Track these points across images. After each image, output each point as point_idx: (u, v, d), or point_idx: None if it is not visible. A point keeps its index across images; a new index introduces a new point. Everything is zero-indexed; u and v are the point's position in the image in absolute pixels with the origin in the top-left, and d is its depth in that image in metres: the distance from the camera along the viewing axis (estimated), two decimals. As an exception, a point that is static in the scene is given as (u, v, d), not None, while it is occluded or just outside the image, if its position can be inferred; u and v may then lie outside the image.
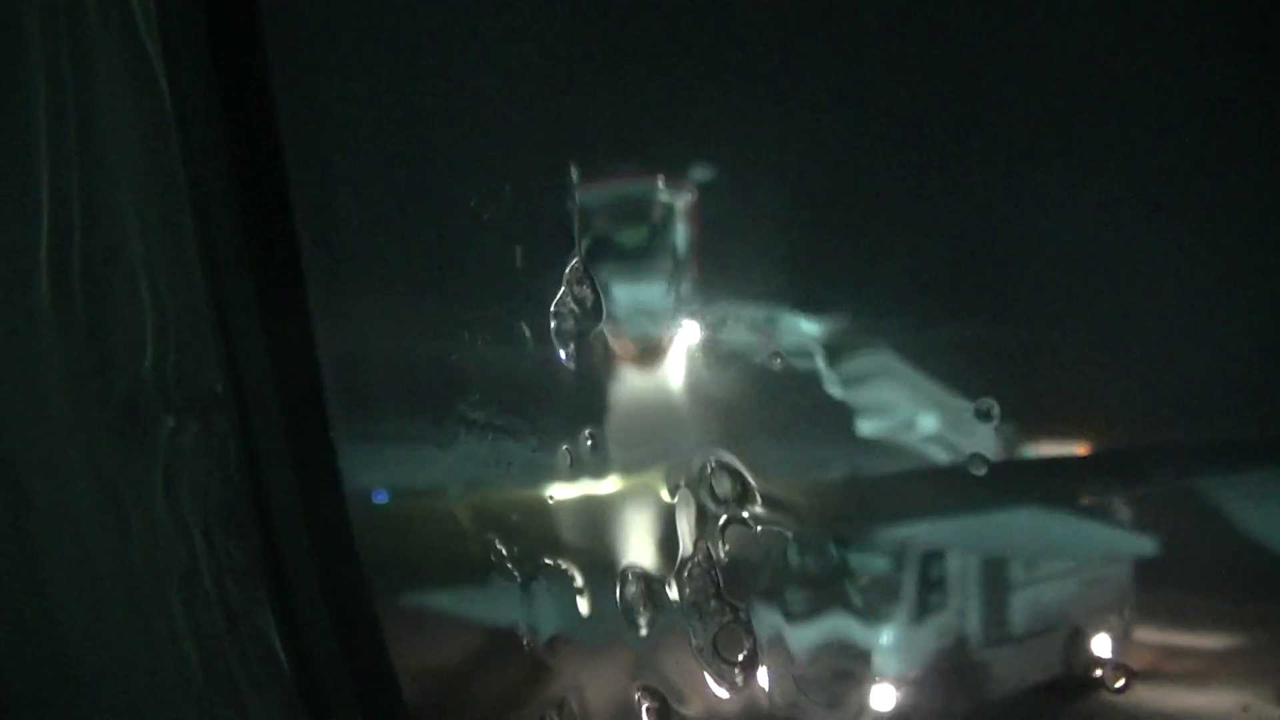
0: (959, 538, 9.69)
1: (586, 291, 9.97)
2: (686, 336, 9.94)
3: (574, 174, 9.88)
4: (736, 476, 9.42)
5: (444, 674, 7.73)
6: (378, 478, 6.95)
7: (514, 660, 8.68)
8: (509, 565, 7.57)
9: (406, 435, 8.98)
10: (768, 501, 9.49)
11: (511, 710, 8.69)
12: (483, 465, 8.70)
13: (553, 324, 9.88)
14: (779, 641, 9.95)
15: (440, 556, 7.41)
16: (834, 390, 9.60)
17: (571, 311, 10.08)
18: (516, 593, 8.43)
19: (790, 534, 9.71)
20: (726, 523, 9.20)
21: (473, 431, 8.76)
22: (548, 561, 7.87)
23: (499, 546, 7.34)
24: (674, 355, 9.98)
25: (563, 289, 10.00)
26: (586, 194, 9.85)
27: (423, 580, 6.88)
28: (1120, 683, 11.36)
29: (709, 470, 9.54)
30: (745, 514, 9.33)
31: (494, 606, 8.04)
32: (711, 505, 9.19)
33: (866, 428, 9.79)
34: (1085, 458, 12.36)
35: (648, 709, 9.53)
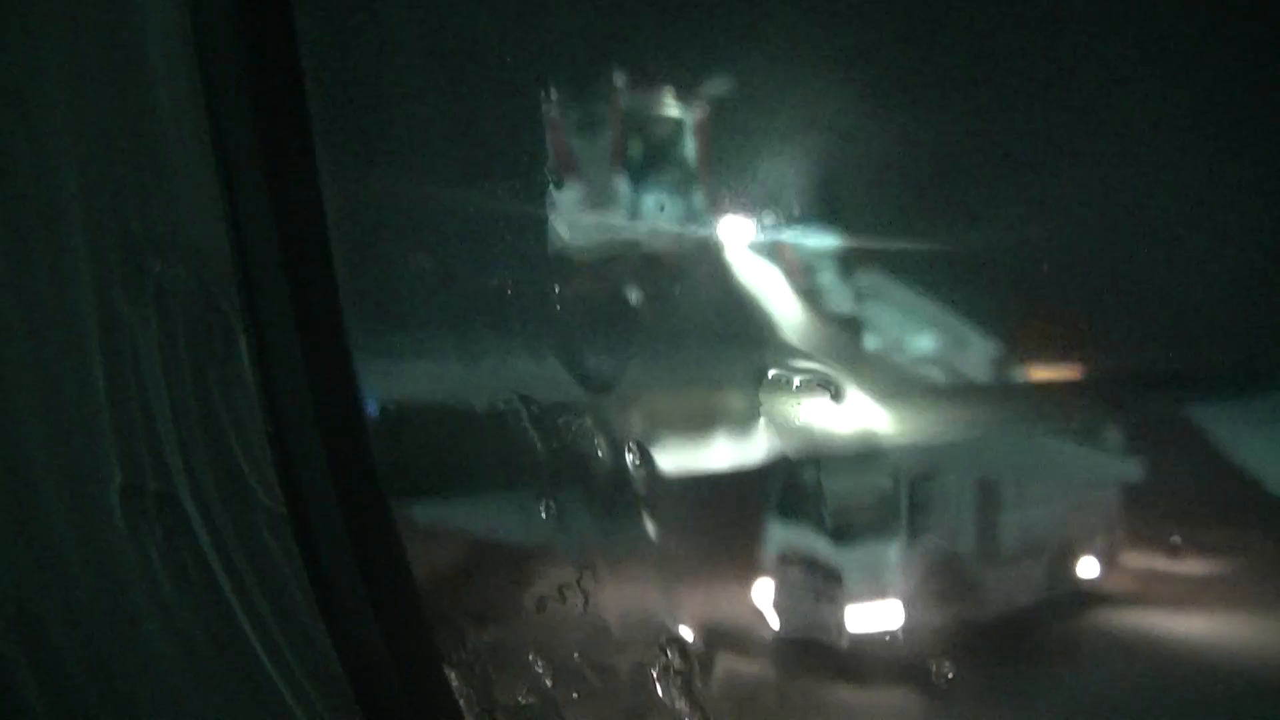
0: (951, 459, 9.79)
1: (607, 210, 9.98)
2: (699, 250, 9.98)
3: (607, 86, 9.87)
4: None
5: (458, 555, 7.78)
6: (395, 387, 6.95)
7: (529, 541, 8.75)
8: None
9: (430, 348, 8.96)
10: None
11: (525, 588, 8.74)
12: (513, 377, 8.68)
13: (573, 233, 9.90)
14: (785, 556, 10.05)
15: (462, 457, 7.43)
16: (835, 307, 9.65)
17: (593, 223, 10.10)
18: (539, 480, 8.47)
19: (785, 451, 9.81)
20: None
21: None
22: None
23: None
24: (689, 268, 10.02)
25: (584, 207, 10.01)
26: (615, 108, 9.84)
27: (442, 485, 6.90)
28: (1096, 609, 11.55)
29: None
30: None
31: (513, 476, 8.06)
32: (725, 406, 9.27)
33: (868, 343, 9.85)
34: (1075, 382, 12.45)
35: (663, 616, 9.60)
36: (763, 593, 10.28)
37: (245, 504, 2.47)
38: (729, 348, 10.09)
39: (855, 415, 9.64)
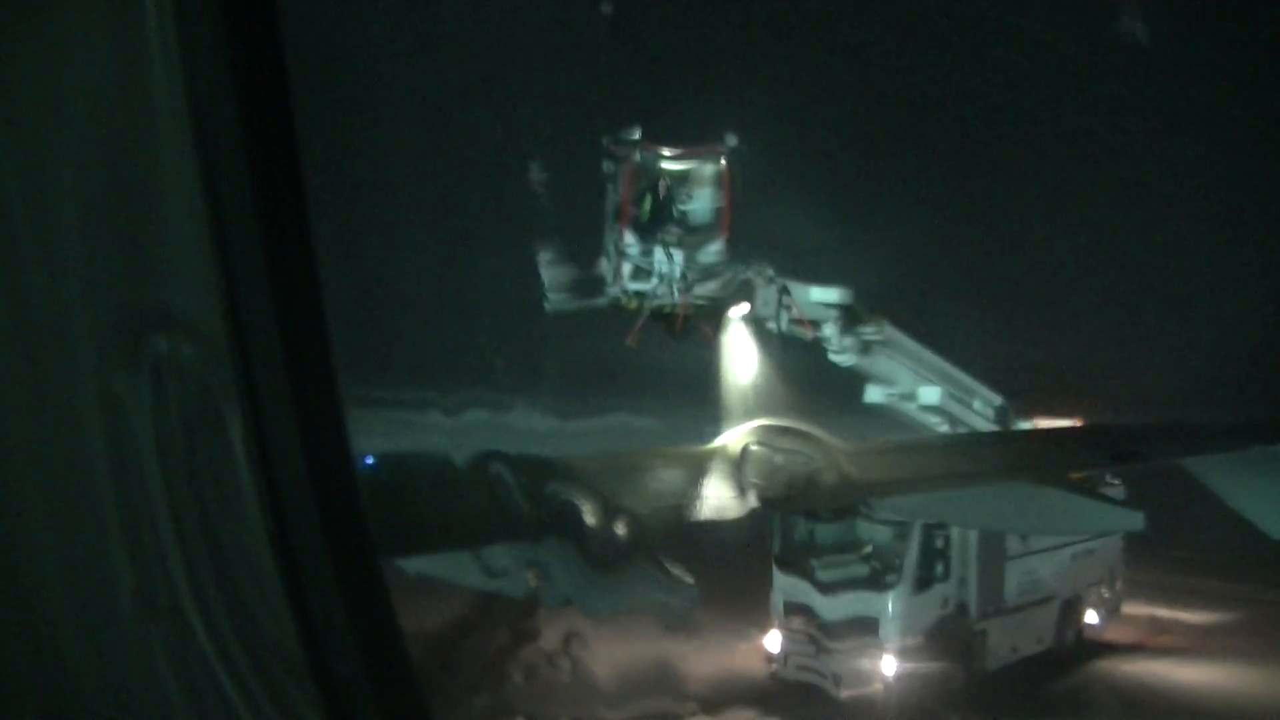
0: (957, 510, 9.84)
1: (615, 264, 10.01)
2: (710, 307, 9.98)
3: (608, 146, 9.88)
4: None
5: (446, 629, 7.74)
6: (383, 442, 6.90)
7: (515, 615, 8.69)
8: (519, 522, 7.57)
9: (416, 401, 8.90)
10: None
11: (515, 648, 8.67)
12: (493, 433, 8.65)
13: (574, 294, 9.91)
14: (792, 607, 10.02)
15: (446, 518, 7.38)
16: (842, 359, 9.68)
17: (598, 283, 10.09)
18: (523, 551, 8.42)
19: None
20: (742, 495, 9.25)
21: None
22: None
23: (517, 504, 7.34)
24: (700, 327, 10.01)
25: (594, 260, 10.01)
26: (621, 166, 9.88)
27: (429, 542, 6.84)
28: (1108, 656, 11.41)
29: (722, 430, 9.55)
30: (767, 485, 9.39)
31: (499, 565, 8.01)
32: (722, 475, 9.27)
33: (873, 396, 9.88)
34: (1080, 434, 12.40)
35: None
36: (759, 646, 10.33)
37: (241, 604, 2.50)
38: (727, 401, 10.18)
39: (857, 467, 9.70)
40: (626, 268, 10.29)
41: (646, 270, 10.26)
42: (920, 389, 11.47)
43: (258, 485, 2.51)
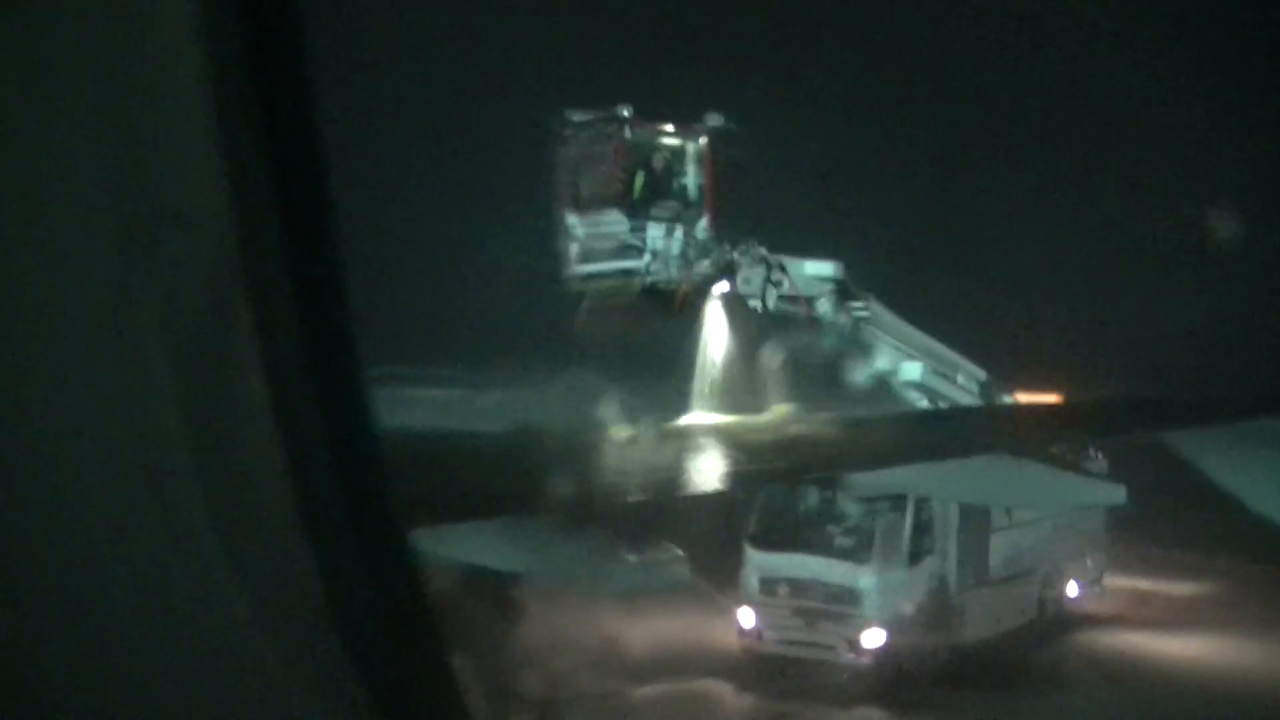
0: (938, 484, 9.90)
1: (612, 241, 10.02)
2: (703, 284, 10.00)
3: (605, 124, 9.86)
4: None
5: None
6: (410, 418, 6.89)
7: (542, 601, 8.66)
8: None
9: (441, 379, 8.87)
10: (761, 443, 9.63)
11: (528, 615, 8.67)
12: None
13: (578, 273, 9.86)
14: (772, 580, 10.09)
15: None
16: (832, 333, 9.73)
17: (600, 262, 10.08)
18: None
19: (779, 477, 9.86)
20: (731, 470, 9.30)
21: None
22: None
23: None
24: (695, 304, 10.02)
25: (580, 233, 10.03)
26: (610, 144, 9.89)
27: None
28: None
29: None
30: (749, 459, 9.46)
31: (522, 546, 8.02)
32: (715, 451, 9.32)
33: (860, 371, 9.93)
34: (1062, 409, 12.46)
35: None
36: (752, 617, 10.38)
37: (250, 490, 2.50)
38: (728, 377, 10.23)
39: (848, 440, 9.75)
40: (615, 246, 10.35)
41: (637, 248, 10.31)
42: (905, 364, 11.53)
43: (266, 374, 2.54)
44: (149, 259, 2.53)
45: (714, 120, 9.88)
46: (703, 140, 9.98)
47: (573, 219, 9.99)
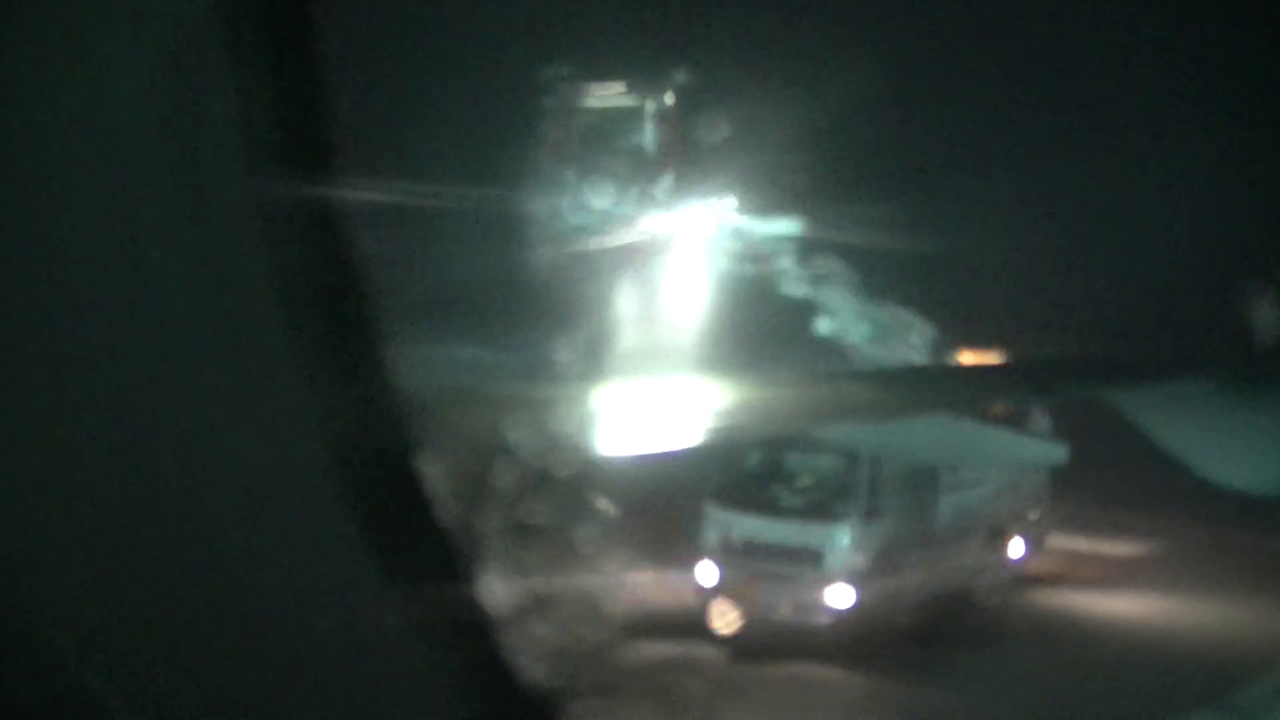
0: (882, 441, 9.91)
1: (580, 198, 9.93)
2: (665, 240, 9.96)
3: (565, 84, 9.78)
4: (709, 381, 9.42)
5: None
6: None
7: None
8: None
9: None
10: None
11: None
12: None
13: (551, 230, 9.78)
14: (729, 538, 10.09)
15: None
16: (791, 290, 9.72)
17: (564, 218, 9.99)
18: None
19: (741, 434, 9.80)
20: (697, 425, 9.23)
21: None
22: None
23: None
24: (653, 263, 9.97)
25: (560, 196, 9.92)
26: (569, 101, 9.78)
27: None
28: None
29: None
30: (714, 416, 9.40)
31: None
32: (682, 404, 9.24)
33: (817, 329, 9.92)
34: (1006, 368, 12.50)
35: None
36: (710, 575, 10.36)
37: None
38: (684, 336, 10.17)
39: (803, 399, 9.73)
40: (575, 203, 10.24)
41: (595, 206, 10.21)
42: (860, 323, 11.55)
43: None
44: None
45: (679, 77, 9.80)
46: (666, 98, 9.89)
47: (532, 178, 9.88)
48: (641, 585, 11.55)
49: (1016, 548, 13.98)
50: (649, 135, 10.03)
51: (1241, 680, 8.54)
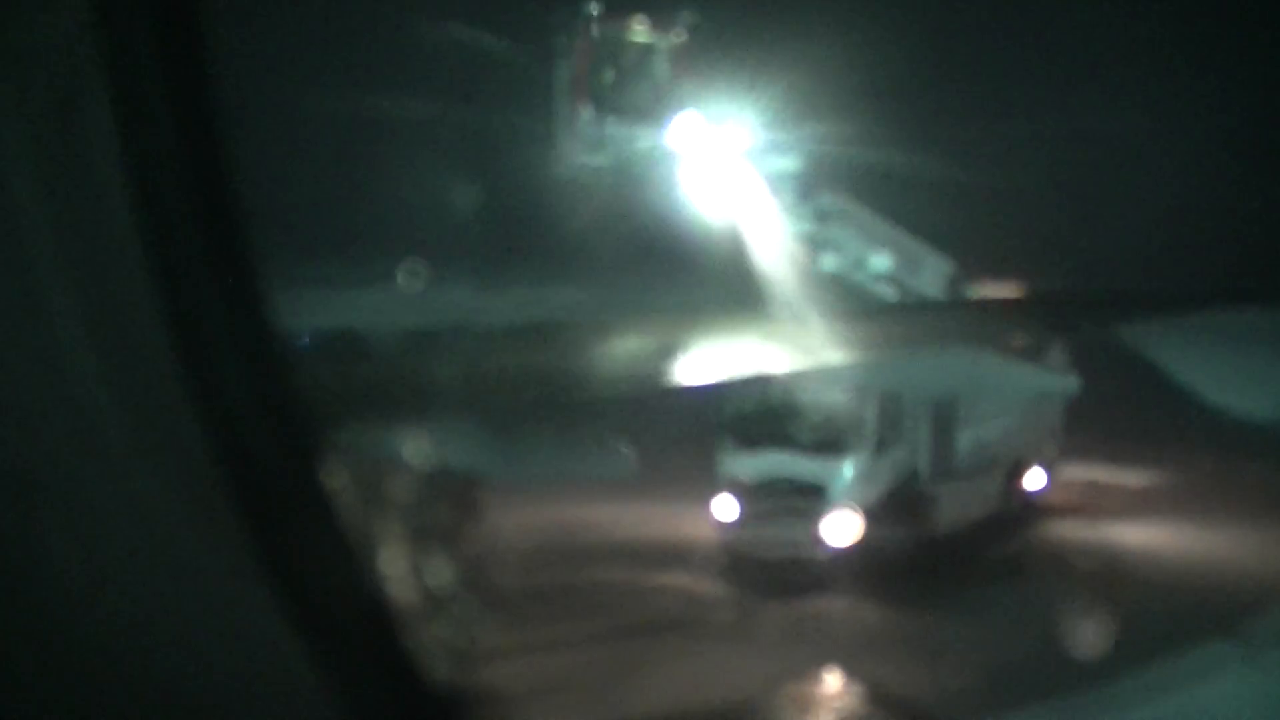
0: (902, 377, 9.96)
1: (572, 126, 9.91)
2: (666, 176, 9.97)
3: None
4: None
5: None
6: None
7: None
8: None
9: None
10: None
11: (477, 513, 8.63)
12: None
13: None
14: (744, 474, 10.16)
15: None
16: (801, 226, 9.73)
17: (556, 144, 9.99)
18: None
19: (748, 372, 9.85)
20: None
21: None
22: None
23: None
24: (662, 201, 9.99)
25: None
26: (579, 38, 9.77)
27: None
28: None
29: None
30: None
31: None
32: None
33: (827, 265, 9.94)
34: (1021, 302, 12.50)
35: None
36: (724, 509, 10.45)
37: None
38: (694, 271, 10.19)
39: (816, 335, 9.76)
40: (593, 138, 10.24)
41: (606, 144, 10.21)
42: (873, 258, 11.55)
43: (125, 165, 2.47)
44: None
45: (689, 16, 9.79)
46: (678, 34, 9.88)
47: (540, 116, 9.89)
48: (656, 520, 11.69)
49: (1035, 479, 14.03)
50: (663, 72, 10.02)
51: (1252, 610, 8.61)
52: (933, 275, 12.74)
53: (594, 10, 9.34)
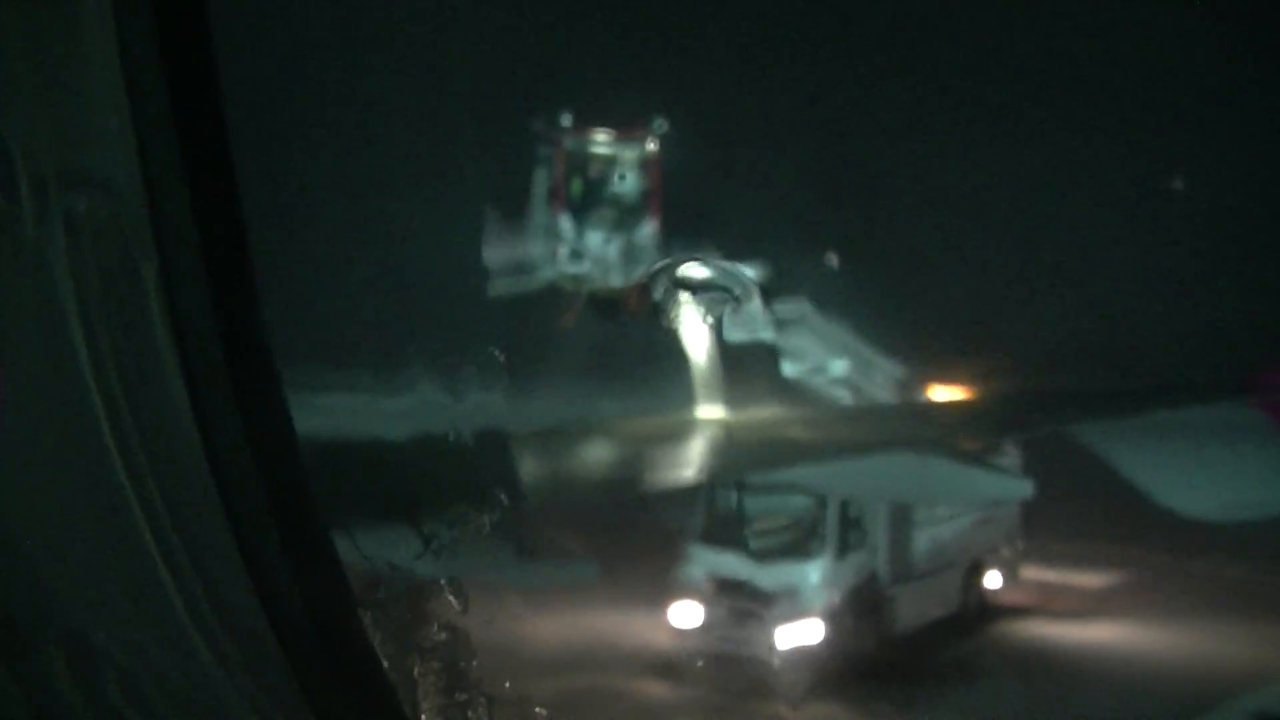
0: (854, 480, 10.07)
1: (547, 245, 10.09)
2: (628, 287, 10.12)
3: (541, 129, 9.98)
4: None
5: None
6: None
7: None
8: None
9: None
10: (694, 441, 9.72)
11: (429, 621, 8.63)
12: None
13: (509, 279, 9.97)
14: (703, 577, 10.24)
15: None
16: (760, 334, 9.87)
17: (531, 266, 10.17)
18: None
19: (709, 474, 9.97)
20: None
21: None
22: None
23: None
24: (618, 304, 10.13)
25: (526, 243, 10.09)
26: (551, 148, 9.96)
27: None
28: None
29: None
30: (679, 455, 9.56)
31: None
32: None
33: (786, 370, 10.08)
34: (972, 404, 12.74)
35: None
36: (685, 614, 10.48)
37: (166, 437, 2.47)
38: (653, 379, 10.29)
39: (773, 438, 9.88)
40: (562, 251, 10.38)
41: (581, 253, 10.35)
42: (829, 362, 11.70)
43: (172, 335, 2.57)
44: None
45: (659, 125, 9.95)
46: (648, 145, 10.04)
47: (513, 226, 10.03)
48: (614, 628, 11.71)
49: (992, 579, 14.13)
50: (634, 182, 10.17)
51: (1208, 708, 8.69)
52: (885, 379, 12.92)
53: (566, 121, 9.51)
